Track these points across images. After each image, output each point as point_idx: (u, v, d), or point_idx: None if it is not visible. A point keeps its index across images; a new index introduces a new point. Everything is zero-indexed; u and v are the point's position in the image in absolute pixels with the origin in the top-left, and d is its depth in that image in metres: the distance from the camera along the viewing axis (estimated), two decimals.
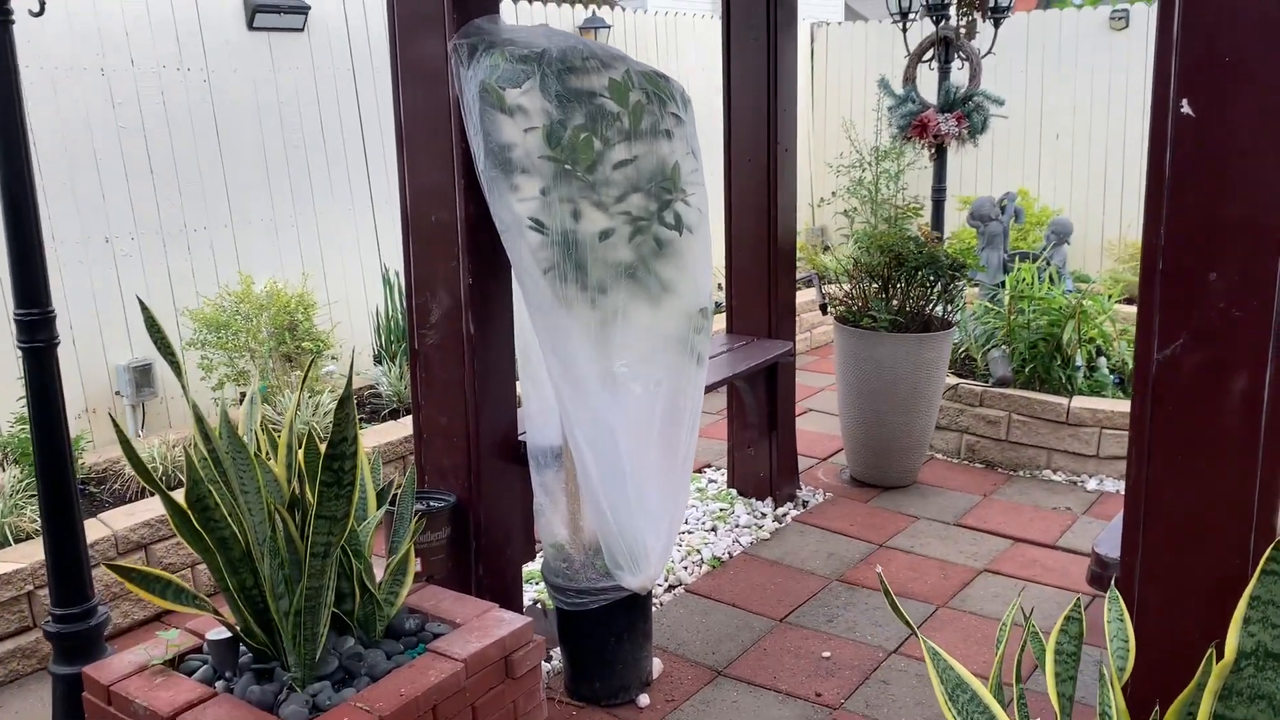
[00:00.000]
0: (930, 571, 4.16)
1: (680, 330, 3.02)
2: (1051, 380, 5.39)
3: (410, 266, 3.18)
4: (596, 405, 2.97)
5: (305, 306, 5.02)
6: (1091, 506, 4.80)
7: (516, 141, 2.83)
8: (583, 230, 2.87)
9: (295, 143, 5.66)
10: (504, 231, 2.88)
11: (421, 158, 3.08)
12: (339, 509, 2.44)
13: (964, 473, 5.27)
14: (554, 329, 2.91)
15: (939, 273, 4.82)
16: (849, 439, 5.08)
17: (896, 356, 4.76)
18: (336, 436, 2.37)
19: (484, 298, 3.09)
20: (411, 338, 3.24)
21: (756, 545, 4.39)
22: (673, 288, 2.99)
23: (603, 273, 2.90)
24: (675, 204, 2.93)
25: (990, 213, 6.21)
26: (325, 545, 2.47)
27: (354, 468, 2.43)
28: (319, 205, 5.79)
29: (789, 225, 4.57)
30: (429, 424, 3.26)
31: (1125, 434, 5.08)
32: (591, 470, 3.01)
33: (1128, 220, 8.28)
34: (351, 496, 2.45)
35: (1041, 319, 5.47)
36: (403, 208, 3.17)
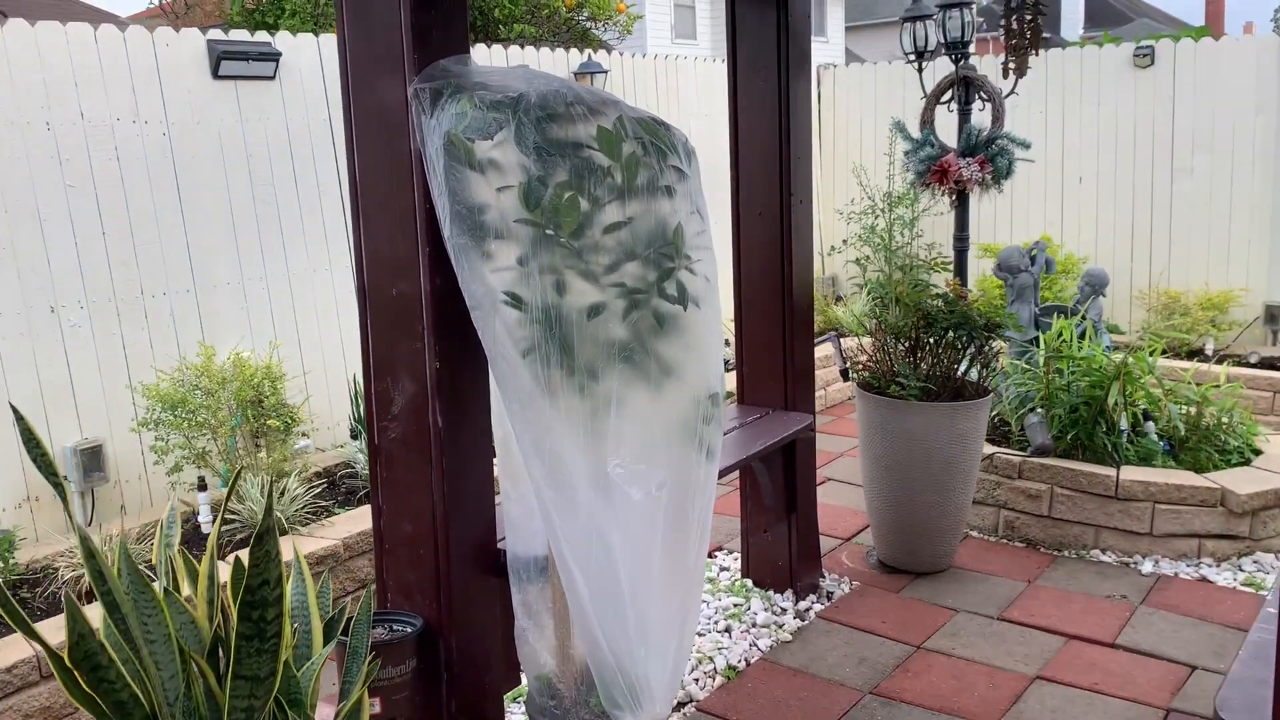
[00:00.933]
0: (977, 680, 3.63)
1: (686, 420, 2.54)
2: (1095, 448, 4.89)
3: (368, 347, 2.71)
4: (587, 514, 2.48)
5: (273, 379, 4.55)
6: (1149, 594, 4.27)
7: (489, 202, 2.37)
8: (568, 305, 2.39)
9: (265, 198, 5.22)
10: (475, 308, 2.41)
11: (379, 221, 2.61)
12: (262, 667, 1.95)
13: (1003, 553, 4.75)
14: (535, 422, 2.43)
15: (973, 334, 4.33)
16: (876, 519, 4.57)
17: (928, 427, 4.27)
18: (255, 579, 1.88)
19: (455, 384, 2.61)
20: (370, 431, 2.75)
21: (777, 649, 3.87)
22: (677, 371, 2.51)
23: (593, 355, 2.43)
24: (678, 272, 2.45)
25: (1020, 263, 5.74)
26: (247, 711, 1.97)
27: (279, 616, 1.94)
28: (292, 265, 5.34)
29: (805, 283, 4.10)
30: (391, 532, 2.77)
31: (1182, 509, 4.58)
32: (582, 592, 2.51)
33: (1158, 267, 7.81)
34: (278, 651, 1.96)
35: (1082, 380, 4.98)
36: (358, 279, 2.70)
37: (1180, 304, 7.41)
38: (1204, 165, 7.56)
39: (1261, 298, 7.43)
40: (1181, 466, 4.86)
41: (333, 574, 4.09)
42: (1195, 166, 7.59)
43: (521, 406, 2.43)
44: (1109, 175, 7.97)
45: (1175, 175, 7.68)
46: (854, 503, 5.40)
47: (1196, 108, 7.51)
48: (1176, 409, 4.96)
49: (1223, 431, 5.00)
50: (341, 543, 4.13)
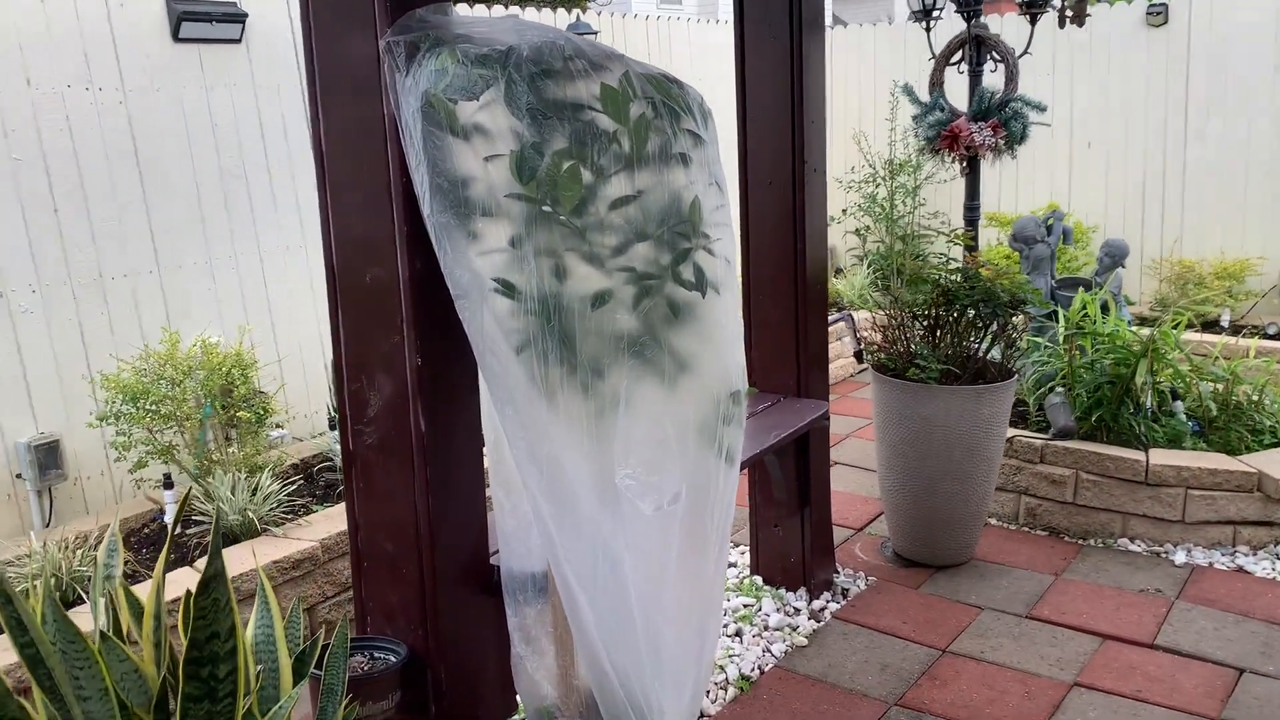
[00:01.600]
0: (1010, 688, 3.35)
1: (704, 421, 2.23)
2: (1120, 429, 4.61)
3: (340, 342, 2.39)
4: (591, 530, 2.17)
5: (243, 367, 4.21)
6: (1185, 587, 4.01)
7: (475, 174, 2.04)
8: (569, 293, 2.07)
9: (234, 171, 4.86)
10: (460, 297, 2.08)
11: (349, 197, 2.28)
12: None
13: (1026, 543, 4.47)
14: (531, 427, 2.12)
15: (997, 310, 4.03)
16: (893, 510, 4.29)
17: (950, 413, 3.97)
18: (202, 633, 1.57)
19: (440, 383, 2.29)
20: (344, 436, 2.43)
21: (793, 655, 3.58)
22: (693, 365, 2.20)
23: (598, 349, 2.11)
24: (695, 253, 2.14)
25: (1036, 233, 5.44)
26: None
27: (233, 671, 1.63)
28: (264, 244, 4.99)
29: (819, 260, 3.78)
30: (370, 549, 2.46)
31: (1216, 495, 4.30)
32: (586, 616, 2.21)
33: (1171, 235, 7.52)
34: (233, 712, 1.65)
35: (1107, 358, 4.69)
36: (327, 263, 2.38)
37: (1194, 274, 7.13)
38: (1219, 128, 7.25)
39: (1277, 265, 7.15)
40: (1212, 448, 4.59)
41: (311, 578, 3.78)
42: (1210, 130, 7.29)
43: (515, 409, 2.11)
44: (1120, 140, 7.66)
45: (1189, 139, 7.37)
46: (865, 489, 5.12)
47: (1211, 68, 7.20)
48: (1207, 387, 4.68)
49: (1255, 410, 4.72)
50: (320, 544, 3.82)
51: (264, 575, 2.14)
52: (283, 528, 3.91)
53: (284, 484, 4.21)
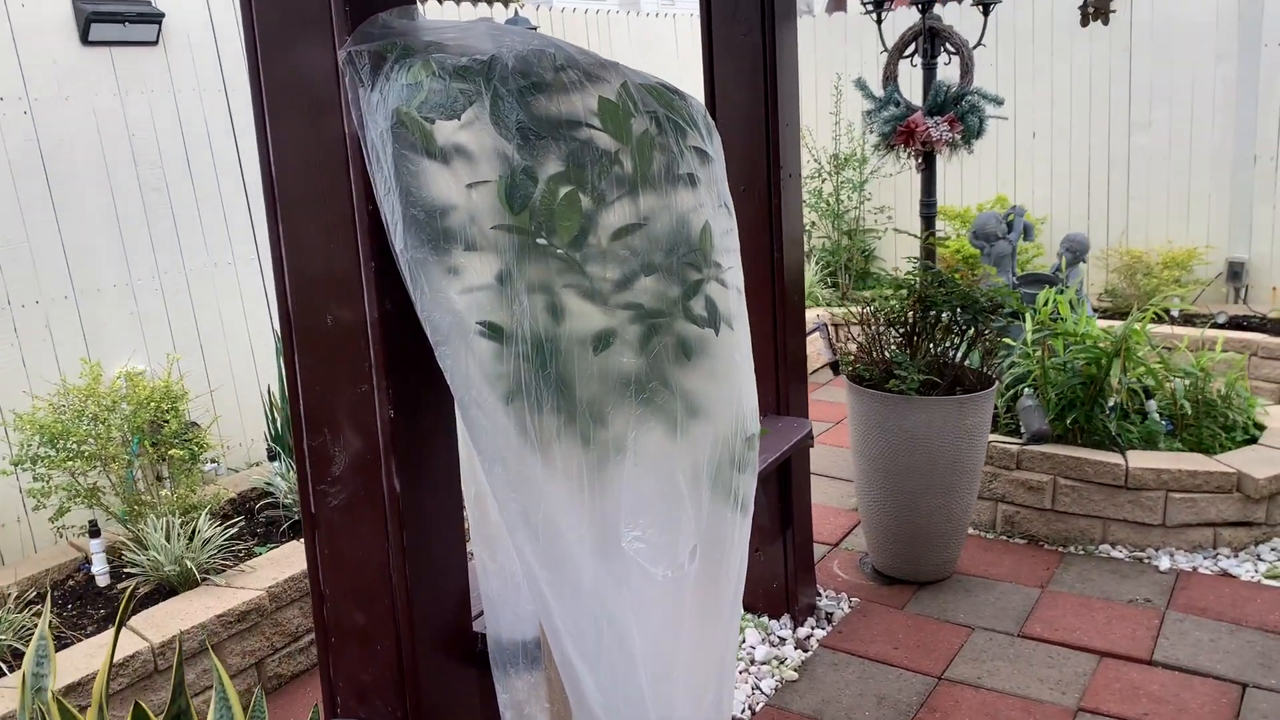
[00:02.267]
0: (1014, 718, 3.19)
1: (718, 470, 2.00)
2: (1094, 430, 4.50)
3: (297, 391, 2.10)
4: (593, 598, 1.93)
5: (173, 399, 3.87)
6: (1173, 595, 3.90)
7: (455, 202, 1.78)
8: (567, 334, 1.82)
9: (154, 184, 4.49)
10: (440, 343, 1.82)
11: (306, 228, 2.00)
12: None
13: (1007, 553, 4.34)
14: (523, 486, 1.86)
15: (977, 316, 3.87)
16: (873, 526, 4.11)
17: (933, 424, 3.80)
18: None
19: (415, 436, 2.02)
20: (304, 497, 2.15)
21: (783, 691, 3.38)
22: (706, 408, 1.96)
23: (600, 395, 1.87)
24: (707, 285, 1.90)
25: (997, 230, 5.32)
26: None
27: None
28: (190, 262, 4.63)
29: (796, 269, 3.58)
30: (338, 622, 2.18)
31: (1197, 497, 4.21)
32: (589, 692, 1.96)
33: (1118, 225, 7.49)
34: None
35: (1079, 358, 4.58)
36: (280, 303, 2.09)
37: (1143, 263, 7.11)
38: (1163, 117, 7.24)
39: (1223, 253, 7.17)
40: (1186, 447, 4.51)
41: (258, 630, 3.47)
42: (1154, 119, 7.27)
43: (504, 468, 1.85)
44: (1064, 130, 7.60)
45: (1133, 128, 7.34)
46: (836, 499, 4.94)
47: (1155, 57, 7.17)
48: (1181, 386, 4.59)
49: (1226, 406, 4.65)
50: (266, 593, 3.51)
51: (223, 671, 1.86)
52: (224, 575, 3.59)
53: (223, 525, 3.88)
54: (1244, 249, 7.10)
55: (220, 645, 3.37)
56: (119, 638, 1.65)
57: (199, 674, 3.32)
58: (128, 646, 3.17)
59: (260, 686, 1.97)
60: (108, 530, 3.87)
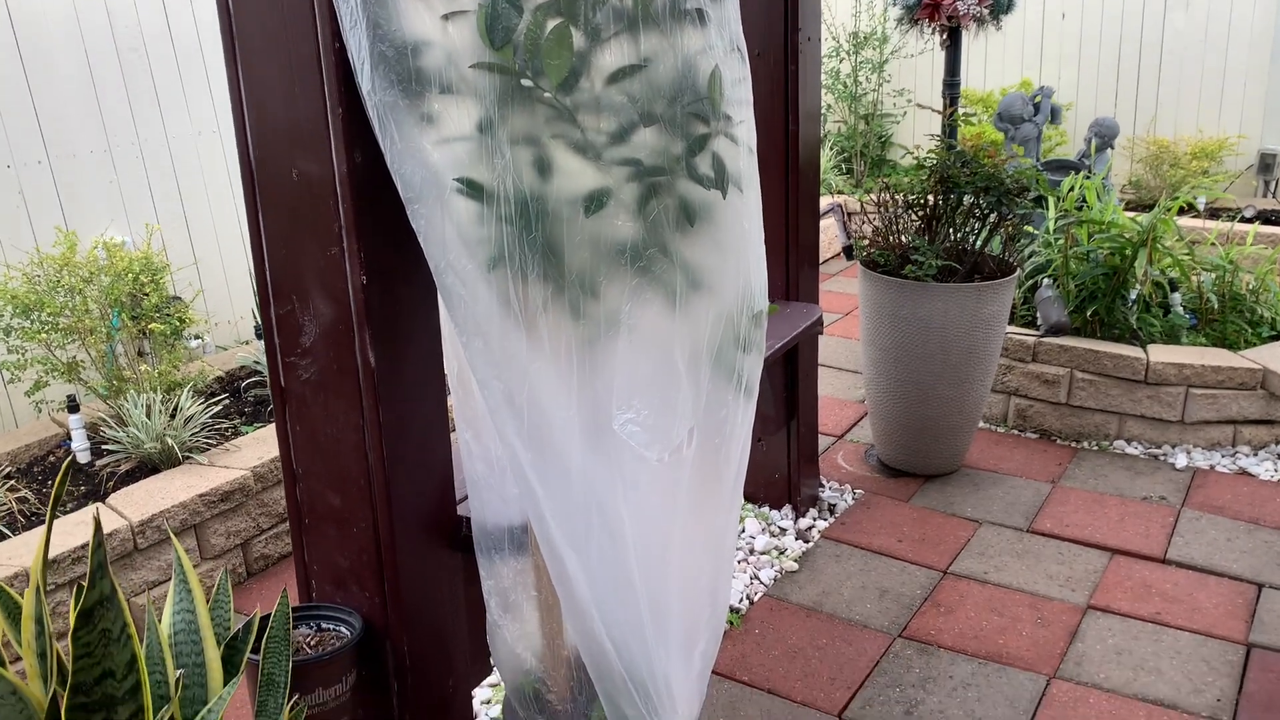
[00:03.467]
0: (1021, 614, 3.09)
1: (721, 349, 1.83)
2: (1114, 324, 4.31)
3: (263, 254, 1.92)
4: (583, 483, 1.78)
5: (153, 272, 3.69)
6: (1189, 493, 3.77)
7: (430, 37, 1.57)
8: (555, 193, 1.63)
9: (131, 44, 4.23)
10: (412, 200, 1.63)
11: (266, 70, 1.79)
12: None
13: (1018, 447, 4.20)
14: (506, 365, 1.70)
15: (1001, 199, 3.65)
16: (880, 417, 3.96)
17: (949, 313, 3.62)
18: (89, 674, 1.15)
19: (391, 303, 1.85)
20: (274, 370, 1.99)
21: (783, 582, 3.28)
22: (709, 282, 1.78)
23: (592, 264, 1.69)
24: (714, 141, 1.70)
25: (1023, 112, 5.05)
26: None
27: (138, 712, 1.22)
28: (171, 129, 4.39)
29: (812, 144, 3.35)
30: (312, 505, 2.04)
31: (1219, 394, 4.05)
32: (577, 581, 1.83)
33: (1147, 112, 7.17)
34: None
35: (1103, 247, 4.37)
36: (241, 154, 1.89)
37: (1170, 153, 6.82)
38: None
39: (1255, 144, 6.87)
40: (1209, 342, 4.33)
41: (243, 511, 3.37)
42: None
43: (485, 343, 1.68)
44: (1095, 9, 7.22)
45: (1169, 8, 6.96)
46: (843, 391, 4.80)
47: None
48: (1209, 278, 4.39)
49: (1255, 301, 4.46)
50: (251, 472, 3.39)
51: (181, 550, 1.73)
52: (208, 454, 3.47)
53: (207, 403, 3.75)
54: (1276, 140, 6.79)
55: (204, 525, 3.27)
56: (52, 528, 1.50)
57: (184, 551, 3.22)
58: (106, 524, 3.06)
59: (226, 570, 1.84)
60: (88, 406, 3.74)
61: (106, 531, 3.03)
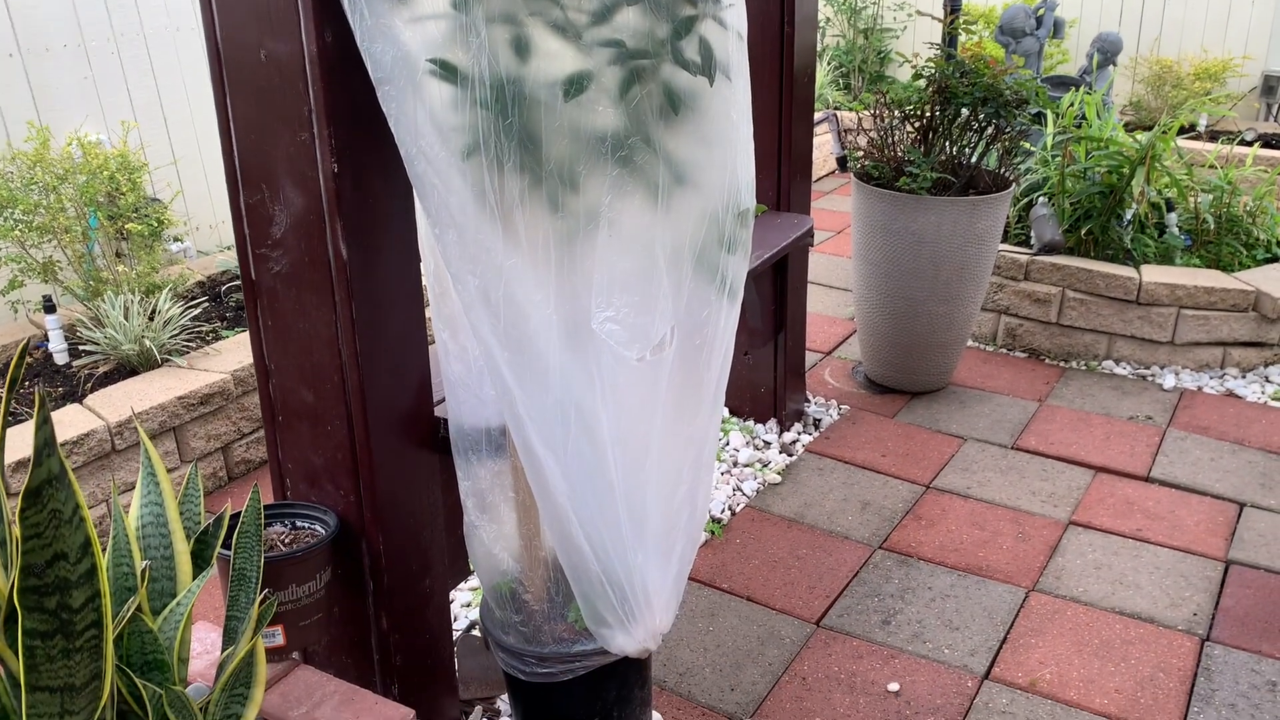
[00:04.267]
0: (1002, 528, 3.10)
1: (704, 248, 1.77)
2: (1109, 243, 4.26)
3: (231, 141, 1.85)
4: (560, 383, 1.74)
5: (130, 170, 3.60)
6: (1176, 414, 3.76)
7: None
8: (533, 76, 1.56)
9: None
10: (383, 81, 1.56)
11: None
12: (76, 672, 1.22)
13: (1005, 366, 4.18)
14: (481, 257, 1.64)
15: (1000, 112, 3.56)
16: (869, 334, 3.93)
17: (942, 227, 3.56)
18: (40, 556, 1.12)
19: (364, 192, 1.79)
20: (244, 262, 1.93)
21: (765, 494, 3.27)
22: (692, 176, 1.72)
23: (571, 153, 1.62)
24: (701, 24, 1.62)
25: (1025, 25, 4.92)
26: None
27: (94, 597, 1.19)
28: (149, 23, 4.25)
29: (808, 48, 3.25)
30: (285, 401, 2.00)
31: (1209, 314, 4.02)
32: (555, 483, 1.81)
33: (1151, 32, 7.02)
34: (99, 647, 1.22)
35: (1100, 165, 4.29)
36: (208, 33, 1.81)
37: (1173, 74, 6.69)
38: None
39: (1260, 66, 6.74)
40: (1203, 263, 4.29)
41: (223, 414, 3.33)
42: None
43: (459, 234, 1.63)
44: None
45: None
46: (832, 308, 4.76)
47: None
48: (1206, 200, 4.33)
49: (1251, 224, 4.40)
50: (231, 376, 3.35)
51: (148, 441, 1.69)
52: (187, 357, 3.42)
53: (187, 306, 3.69)
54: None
55: (183, 428, 3.23)
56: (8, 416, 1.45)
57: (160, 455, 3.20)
58: (83, 424, 3.02)
59: (195, 464, 1.80)
60: (66, 308, 3.68)
61: (84, 431, 3.00)
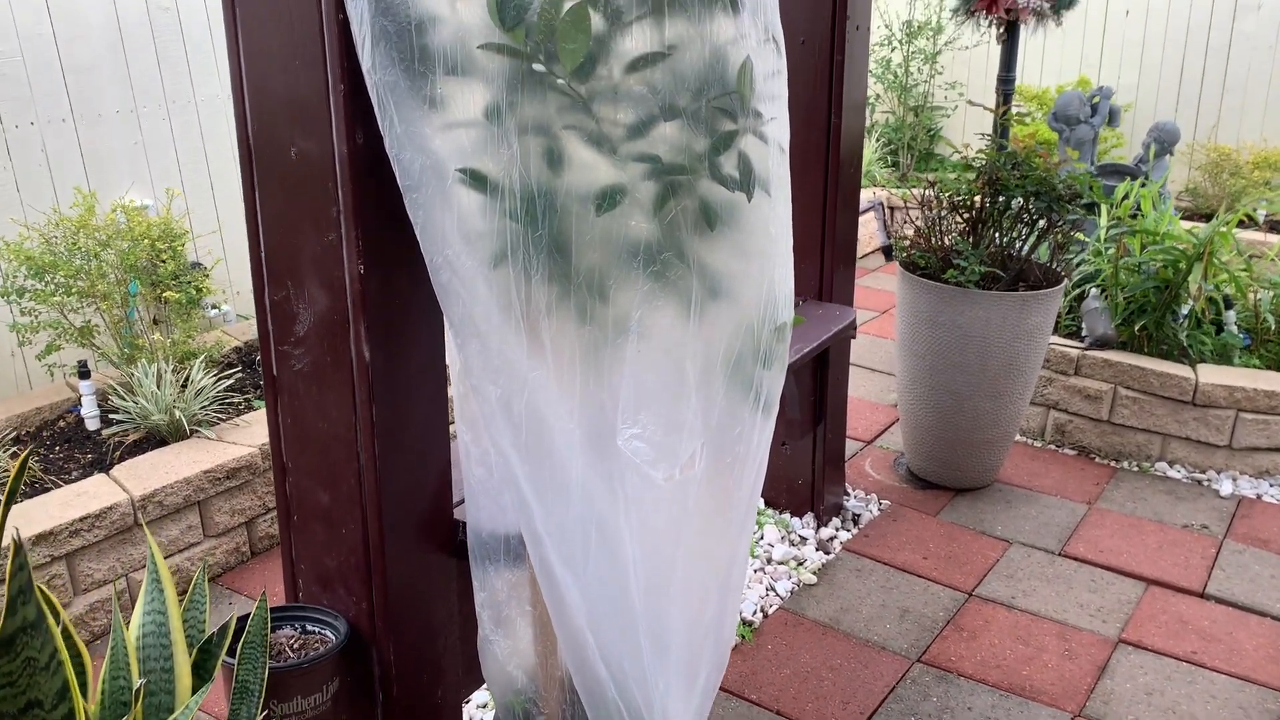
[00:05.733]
0: (1047, 644, 2.94)
1: (739, 362, 1.70)
2: (1163, 339, 4.12)
3: (259, 235, 1.81)
4: (582, 499, 1.66)
5: (172, 238, 3.61)
6: (1233, 523, 3.59)
7: (438, 12, 1.45)
8: (567, 188, 1.51)
9: (163, 2, 4.14)
10: (411, 189, 1.52)
11: (266, 39, 1.67)
12: None
13: (1054, 464, 4.03)
14: (504, 368, 1.58)
15: (1053, 205, 3.47)
16: (913, 426, 3.81)
17: (991, 322, 3.46)
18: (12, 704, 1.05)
19: (391, 294, 1.74)
20: (266, 357, 1.89)
21: (800, 595, 3.15)
22: (729, 289, 1.65)
23: (603, 264, 1.56)
24: (742, 138, 1.56)
25: (1079, 113, 4.84)
26: None
27: None
28: (201, 90, 4.30)
29: (855, 137, 3.19)
30: (302, 500, 1.94)
31: (1270, 419, 3.86)
32: (572, 603, 1.72)
33: (1209, 118, 6.90)
34: None
35: (1155, 259, 4.17)
36: (240, 128, 1.78)
37: (1231, 161, 6.55)
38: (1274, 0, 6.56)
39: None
40: (1263, 364, 4.13)
41: (249, 489, 3.29)
42: (1264, 1, 6.59)
43: (483, 345, 1.57)
44: (1160, 8, 6.94)
45: (1239, 11, 6.68)
46: (875, 394, 4.64)
47: None
48: (1267, 297, 4.18)
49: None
50: (259, 450, 3.31)
51: (155, 547, 1.63)
52: (217, 428, 3.39)
53: (221, 374, 3.67)
54: None
55: (208, 502, 3.19)
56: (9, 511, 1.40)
57: (184, 529, 3.16)
58: (107, 497, 2.99)
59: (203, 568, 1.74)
60: (101, 373, 3.67)
61: (108, 504, 2.96)
